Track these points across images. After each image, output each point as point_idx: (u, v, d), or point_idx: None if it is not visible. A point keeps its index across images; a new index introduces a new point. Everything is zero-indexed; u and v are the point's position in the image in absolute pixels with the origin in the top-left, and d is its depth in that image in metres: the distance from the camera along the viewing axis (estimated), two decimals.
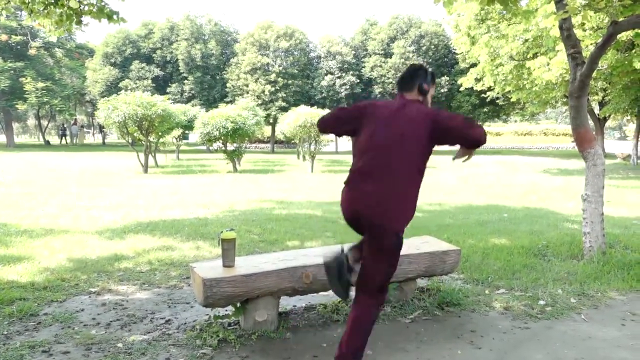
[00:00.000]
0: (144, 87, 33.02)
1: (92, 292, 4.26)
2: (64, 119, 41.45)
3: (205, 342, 3.22)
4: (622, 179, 15.70)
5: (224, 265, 3.42)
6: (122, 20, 5.44)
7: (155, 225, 7.06)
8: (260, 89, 32.89)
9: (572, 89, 4.95)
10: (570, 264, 5.02)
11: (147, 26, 37.84)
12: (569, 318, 3.73)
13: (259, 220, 7.49)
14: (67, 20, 5.25)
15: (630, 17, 4.78)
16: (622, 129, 60.29)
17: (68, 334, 3.37)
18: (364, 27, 37.17)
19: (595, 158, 5.01)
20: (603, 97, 23.80)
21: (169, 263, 5.17)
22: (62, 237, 6.25)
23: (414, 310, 3.82)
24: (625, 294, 4.25)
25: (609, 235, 5.69)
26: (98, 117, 16.97)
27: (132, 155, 19.01)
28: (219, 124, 16.19)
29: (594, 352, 3.15)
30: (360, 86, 34.60)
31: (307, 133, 18.04)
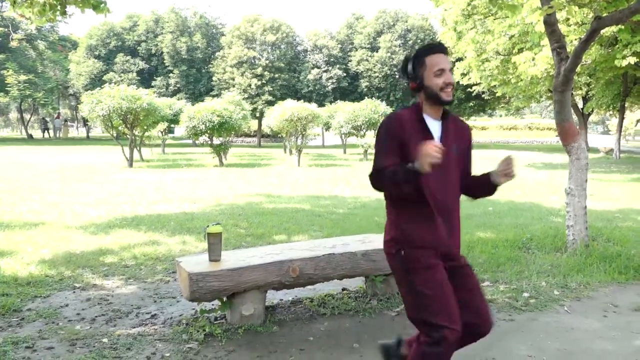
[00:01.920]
0: (129, 80, 32.68)
1: (76, 287, 4.22)
2: (46, 112, 40.91)
3: (191, 337, 3.21)
4: (605, 172, 15.92)
5: (210, 259, 3.41)
6: (108, 11, 5.35)
7: (140, 220, 7.00)
8: (246, 82, 32.74)
9: (556, 83, 4.99)
10: (554, 257, 5.09)
11: (132, 18, 37.44)
12: (552, 310, 3.78)
13: (246, 215, 7.47)
14: (50, 10, 5.15)
15: (614, 12, 4.83)
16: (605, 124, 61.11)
17: (52, 330, 3.34)
18: (350, 20, 37.14)
19: (579, 152, 5.06)
20: (587, 92, 24.09)
21: (154, 258, 5.14)
22: (45, 232, 6.18)
23: (400, 303, 3.84)
24: (607, 286, 4.32)
25: (592, 228, 5.77)
26: (82, 111, 16.76)
27: (116, 150, 18.83)
28: (205, 118, 16.09)
29: (577, 343, 3.20)
30: (347, 80, 34.62)
31: (294, 127, 18.01)
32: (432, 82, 2.33)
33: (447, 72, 2.33)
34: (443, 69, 2.32)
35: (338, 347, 3.14)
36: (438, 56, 2.35)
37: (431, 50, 2.37)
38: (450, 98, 2.35)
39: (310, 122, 18.28)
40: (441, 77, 2.32)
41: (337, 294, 4.08)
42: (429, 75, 2.34)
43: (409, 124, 2.35)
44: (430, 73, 2.34)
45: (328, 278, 3.64)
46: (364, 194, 10.28)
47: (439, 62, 2.33)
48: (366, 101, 21.90)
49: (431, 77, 2.34)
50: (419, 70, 2.37)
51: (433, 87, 2.33)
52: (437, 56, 2.35)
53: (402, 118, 2.36)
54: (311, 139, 24.52)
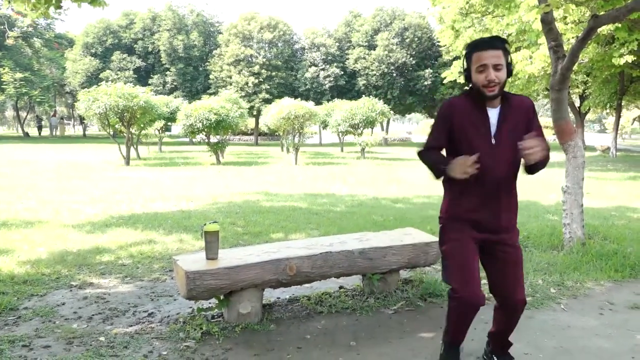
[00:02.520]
0: (126, 78, 32.58)
1: (73, 286, 4.21)
2: (43, 110, 40.78)
3: (188, 335, 3.21)
4: (601, 171, 15.96)
5: (207, 258, 3.41)
6: (105, 4, 5.31)
7: (137, 218, 6.99)
8: (243, 80, 32.68)
9: (553, 82, 5.00)
10: (551, 255, 5.10)
11: (128, 16, 37.32)
12: (549, 308, 3.79)
13: (243, 213, 7.47)
14: (46, 4, 5.11)
15: (610, 11, 4.84)
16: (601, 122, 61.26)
17: (49, 328, 3.33)
18: (347, 18, 37.09)
19: (576, 150, 5.07)
20: (584, 91, 24.15)
21: (151, 256, 5.13)
22: (42, 230, 6.16)
23: (397, 301, 3.85)
24: (604, 284, 4.33)
25: (589, 226, 5.79)
26: (78, 109, 16.69)
27: (113, 148, 18.78)
28: (202, 116, 16.05)
29: (573, 341, 3.21)
30: (344, 78, 34.58)
31: (291, 125, 17.99)
32: (476, 77, 2.44)
33: (489, 69, 2.39)
34: (485, 65, 2.39)
35: (335, 345, 3.15)
36: (484, 52, 2.40)
37: (478, 45, 2.44)
38: (494, 92, 2.43)
39: (308, 120, 18.26)
40: (483, 74, 2.40)
41: (334, 292, 4.08)
42: (473, 70, 2.45)
43: (462, 111, 2.50)
44: (474, 68, 2.43)
45: (325, 276, 3.65)
46: (361, 192, 10.28)
47: (481, 59, 2.40)
48: (363, 99, 21.89)
49: (474, 73, 2.44)
50: (468, 63, 2.48)
51: (477, 83, 2.44)
52: (483, 52, 2.40)
53: (454, 105, 2.53)
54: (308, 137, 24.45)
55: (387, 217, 7.29)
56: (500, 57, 2.41)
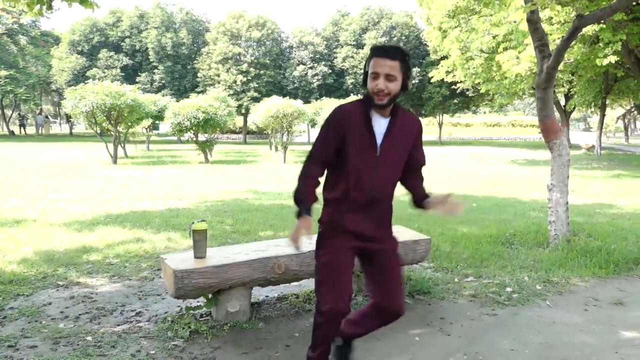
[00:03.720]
0: (113, 76, 32.32)
1: (60, 286, 4.18)
2: (28, 108, 40.32)
3: (176, 334, 3.21)
4: (586, 169, 16.16)
5: (195, 256, 3.40)
6: (96, 5, 5.28)
7: (125, 217, 6.95)
8: (231, 79, 32.58)
9: (539, 81, 5.05)
10: (536, 252, 5.16)
11: (115, 14, 37.00)
12: (534, 304, 3.84)
13: (231, 211, 7.45)
14: (38, 3, 5.07)
15: (595, 11, 4.90)
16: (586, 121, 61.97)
17: (35, 328, 3.30)
18: (335, 17, 37.13)
19: (561, 149, 5.14)
20: (569, 90, 24.39)
21: (139, 255, 5.11)
22: (28, 229, 6.11)
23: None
24: (588, 280, 4.40)
25: (573, 223, 5.86)
26: (65, 107, 16.54)
27: (100, 146, 18.63)
28: (190, 114, 15.98)
29: (558, 337, 3.26)
30: (332, 77, 34.62)
31: (280, 123, 17.98)
32: (369, 83, 2.39)
33: (380, 78, 2.33)
34: (377, 74, 2.34)
35: None
36: (380, 60, 2.35)
37: (376, 52, 2.39)
38: (382, 102, 2.38)
39: (296, 118, 18.26)
40: (375, 81, 2.35)
41: None
42: (369, 75, 2.39)
43: (354, 119, 2.44)
44: (370, 73, 2.38)
45: (313, 274, 3.65)
46: None
47: (375, 66, 2.35)
48: (352, 98, 21.92)
49: (369, 78, 2.39)
50: (366, 66, 2.42)
51: (369, 89, 2.39)
52: (379, 60, 2.35)
53: (346, 112, 2.45)
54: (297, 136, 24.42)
55: None
56: (396, 68, 2.34)
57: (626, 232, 6.02)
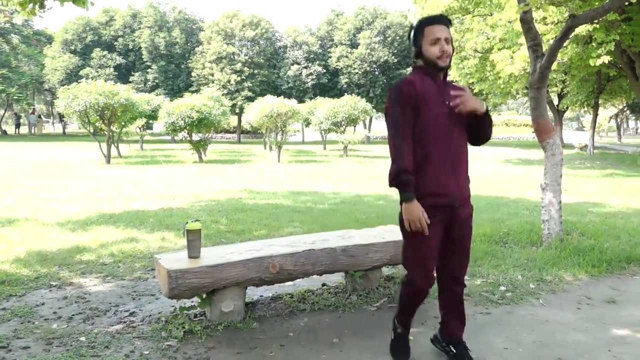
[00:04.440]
0: (106, 75, 32.20)
1: (53, 286, 4.16)
2: (21, 108, 40.06)
3: (170, 334, 3.20)
4: (579, 168, 16.25)
5: (189, 256, 3.39)
6: (90, 3, 5.25)
7: (118, 217, 6.92)
8: (225, 78, 32.52)
9: (532, 80, 5.07)
10: (530, 251, 5.18)
11: (108, 13, 36.84)
12: (528, 303, 3.85)
13: (226, 211, 7.44)
14: (31, 2, 5.04)
15: (588, 11, 4.93)
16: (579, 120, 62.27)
17: (28, 329, 3.28)
18: (329, 17, 37.14)
19: (554, 148, 5.16)
20: (562, 89, 24.51)
21: (133, 255, 5.09)
22: (21, 229, 6.07)
23: (379, 298, 3.88)
24: (581, 279, 4.42)
25: (566, 222, 5.89)
26: (58, 106, 16.47)
27: (94, 146, 18.55)
28: (184, 114, 15.95)
29: (552, 335, 3.27)
30: (327, 76, 34.63)
31: (274, 123, 17.96)
32: (428, 50, 2.57)
33: (442, 41, 2.55)
34: (439, 38, 2.55)
35: (318, 342, 3.16)
36: (436, 27, 2.57)
37: (430, 21, 2.60)
38: (446, 64, 2.60)
39: (290, 118, 18.26)
40: (436, 46, 2.55)
41: (316, 289, 4.09)
42: (426, 44, 2.58)
43: (420, 87, 2.58)
44: (427, 42, 2.57)
45: (308, 274, 3.66)
46: (343, 189, 10.32)
47: (435, 32, 2.56)
48: (346, 97, 21.95)
49: (427, 46, 2.58)
50: (419, 38, 2.61)
51: (430, 55, 2.57)
52: (435, 27, 2.57)
53: (413, 82, 2.58)
54: (291, 135, 24.44)
55: (369, 214, 7.33)
56: (449, 32, 2.60)
57: (619, 230, 6.05)
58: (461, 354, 2.83)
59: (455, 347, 2.85)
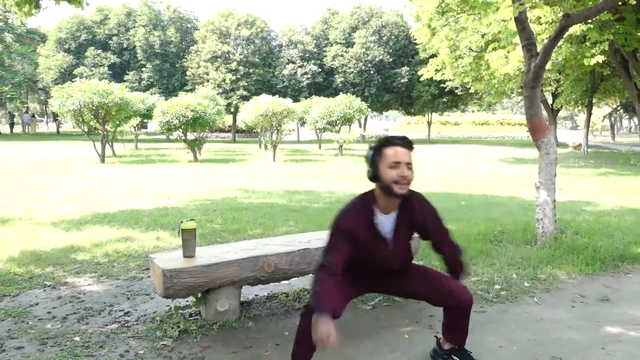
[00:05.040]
0: (100, 74, 32.04)
1: (47, 286, 4.14)
2: (14, 107, 39.84)
3: (165, 334, 3.19)
4: (573, 167, 16.32)
5: (184, 255, 3.39)
6: (86, 4, 5.24)
7: (113, 216, 6.90)
8: (220, 77, 32.45)
9: (527, 79, 5.09)
10: (524, 249, 5.20)
11: (102, 12, 36.66)
12: (522, 301, 3.87)
13: (221, 210, 7.43)
14: (26, 3, 5.02)
15: (582, 10, 4.95)
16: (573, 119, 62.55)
17: (22, 329, 3.27)
18: (325, 16, 37.11)
19: (548, 147, 5.18)
20: (556, 89, 24.60)
21: (127, 254, 5.07)
22: (15, 229, 6.04)
23: (374, 297, 3.89)
24: (575, 277, 4.44)
25: (561, 221, 5.91)
26: (52, 106, 16.38)
27: (88, 145, 18.47)
28: (178, 113, 15.91)
29: (546, 334, 3.29)
30: (322, 75, 34.60)
31: (269, 122, 17.95)
32: (385, 173, 2.38)
33: (402, 166, 2.36)
34: (399, 162, 2.36)
35: None
36: (396, 148, 2.39)
37: (390, 142, 2.42)
38: (403, 191, 2.39)
39: (285, 117, 18.25)
40: (395, 170, 2.36)
41: None
42: (384, 166, 2.38)
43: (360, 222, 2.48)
44: (385, 163, 2.38)
45: (303, 273, 3.66)
46: (339, 188, 10.32)
47: (395, 154, 2.38)
48: (341, 96, 21.95)
49: (385, 168, 2.38)
50: (376, 159, 2.42)
51: (386, 179, 2.38)
52: (395, 148, 2.39)
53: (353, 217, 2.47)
54: (286, 134, 24.43)
55: None
56: (411, 157, 2.43)
57: (612, 229, 6.08)
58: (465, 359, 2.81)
59: (458, 355, 2.82)
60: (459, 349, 2.82)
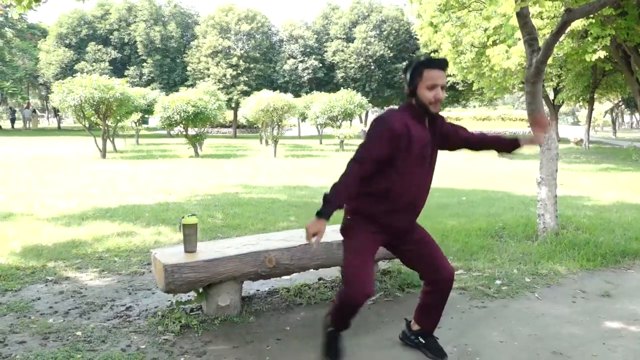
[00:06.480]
0: (101, 69, 32.00)
1: (48, 281, 4.15)
2: (15, 102, 39.84)
3: (167, 328, 3.20)
4: (574, 162, 16.30)
5: (185, 250, 3.39)
6: None
7: (114, 212, 6.91)
8: (221, 72, 32.38)
9: (528, 75, 5.07)
10: (525, 245, 5.20)
11: (103, 7, 36.56)
12: (523, 296, 3.87)
13: (222, 205, 7.43)
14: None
15: (584, 5, 4.93)
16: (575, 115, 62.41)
17: (24, 324, 3.28)
18: (325, 11, 37.01)
19: (550, 142, 5.17)
20: (557, 84, 24.52)
21: (129, 249, 5.08)
22: (16, 224, 6.05)
23: (375, 292, 3.89)
24: (576, 273, 4.44)
25: (562, 216, 5.91)
26: (52, 101, 16.37)
27: (89, 140, 18.46)
28: (179, 108, 15.88)
29: (547, 329, 3.29)
30: (323, 70, 34.53)
31: (270, 117, 17.93)
32: (424, 94, 2.52)
33: (438, 88, 2.50)
34: (436, 85, 2.49)
35: (314, 336, 3.16)
36: (435, 71, 2.50)
37: (430, 64, 2.53)
38: (437, 110, 2.57)
39: (286, 112, 18.22)
40: (432, 92, 2.50)
41: (313, 283, 4.10)
42: (422, 87, 2.51)
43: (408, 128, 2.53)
44: (423, 85, 2.51)
45: (304, 268, 3.66)
46: None
47: (433, 77, 2.50)
48: (342, 92, 21.92)
49: (423, 89, 2.51)
50: (415, 79, 2.53)
51: (423, 99, 2.52)
52: (434, 71, 2.50)
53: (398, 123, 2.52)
54: (287, 130, 24.41)
55: None
56: (445, 78, 2.56)
57: (613, 224, 6.08)
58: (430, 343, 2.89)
59: (424, 338, 2.91)
60: (426, 333, 2.91)
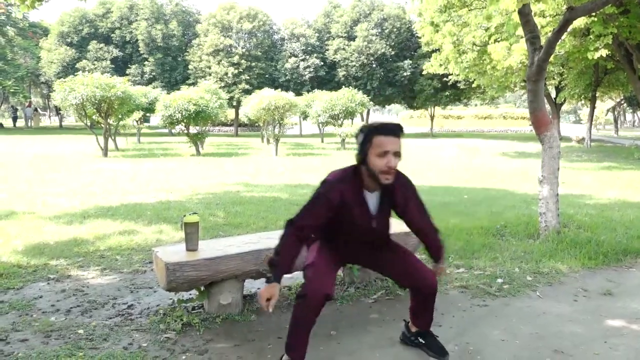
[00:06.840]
0: (103, 68, 32.01)
1: (51, 279, 4.16)
2: (17, 101, 39.89)
3: (169, 327, 3.20)
4: (576, 161, 16.28)
5: (187, 249, 3.40)
6: None
7: (116, 210, 6.91)
8: (223, 71, 32.38)
9: (530, 73, 5.07)
10: (527, 243, 5.20)
11: (105, 5, 36.55)
12: (525, 295, 3.87)
13: (223, 204, 7.44)
14: None
15: (586, 3, 4.92)
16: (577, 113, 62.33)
17: (26, 322, 3.29)
18: (327, 9, 36.95)
19: (552, 141, 5.16)
20: (559, 82, 24.49)
21: (131, 248, 5.09)
22: (18, 222, 6.06)
23: (377, 290, 3.89)
24: (578, 271, 4.44)
25: (564, 215, 5.91)
26: (54, 99, 16.39)
27: (91, 139, 18.49)
28: (181, 107, 15.89)
29: (548, 327, 3.29)
30: (324, 69, 34.49)
31: (271, 116, 17.93)
32: (374, 162, 2.40)
33: (390, 156, 2.38)
34: (386, 152, 2.37)
35: (316, 334, 3.16)
36: (385, 138, 2.39)
37: (381, 130, 2.41)
38: (389, 181, 2.43)
39: (288, 111, 18.22)
40: (383, 159, 2.38)
41: None
42: (372, 154, 2.40)
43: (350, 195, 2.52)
44: (373, 152, 2.39)
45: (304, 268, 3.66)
46: None
47: (383, 144, 2.38)
48: (343, 90, 21.91)
49: (373, 156, 2.40)
50: (365, 145, 2.43)
51: (373, 167, 2.41)
52: (385, 138, 2.39)
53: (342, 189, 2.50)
54: (289, 128, 24.41)
55: None
56: (400, 144, 2.43)
57: (615, 223, 6.07)
58: (430, 342, 2.90)
59: (424, 338, 2.91)
60: (425, 332, 2.92)
